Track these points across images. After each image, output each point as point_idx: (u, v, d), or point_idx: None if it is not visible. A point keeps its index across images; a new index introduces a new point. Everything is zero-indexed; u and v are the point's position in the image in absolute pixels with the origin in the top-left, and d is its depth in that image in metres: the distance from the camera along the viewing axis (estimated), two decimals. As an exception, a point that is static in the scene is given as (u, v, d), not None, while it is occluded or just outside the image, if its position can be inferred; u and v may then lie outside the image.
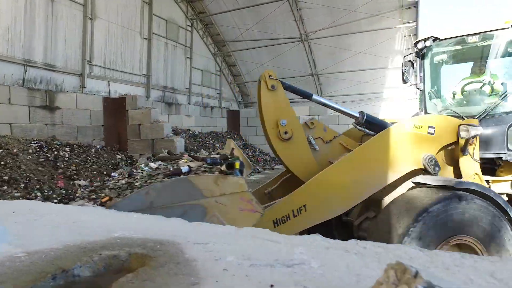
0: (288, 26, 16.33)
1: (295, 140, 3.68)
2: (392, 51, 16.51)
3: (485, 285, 0.71)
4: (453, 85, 4.97)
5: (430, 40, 4.63)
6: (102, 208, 1.93)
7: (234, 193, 2.96)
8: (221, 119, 18.69)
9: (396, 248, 1.05)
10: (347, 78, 17.29)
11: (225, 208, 2.91)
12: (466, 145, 3.70)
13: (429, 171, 3.52)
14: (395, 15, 15.44)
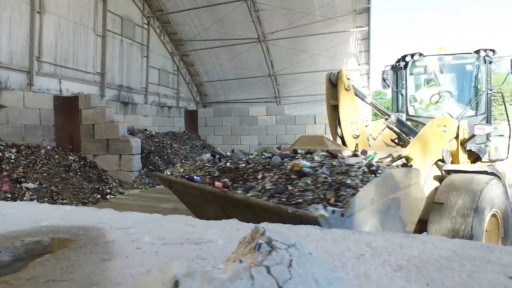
0: (246, 27, 16.49)
1: (361, 138, 4.47)
2: (347, 53, 17.12)
3: (357, 251, 0.84)
4: (428, 93, 6.00)
5: (417, 55, 5.69)
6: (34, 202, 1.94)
7: (413, 184, 3.31)
8: (179, 119, 18.54)
9: (298, 228, 1.19)
10: (304, 79, 17.71)
11: (407, 198, 3.21)
12: (469, 140, 4.72)
13: (444, 161, 4.40)
14: (348, 19, 16.05)
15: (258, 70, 17.90)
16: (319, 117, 17.55)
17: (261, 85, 18.49)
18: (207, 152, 5.27)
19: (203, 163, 4.11)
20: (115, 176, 10.94)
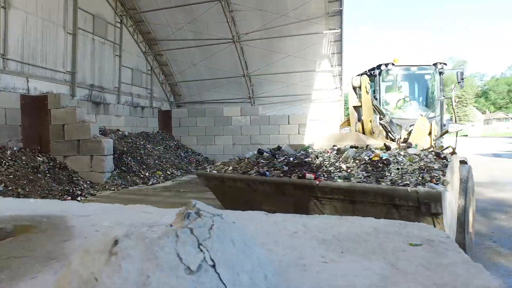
0: (220, 27, 16.53)
1: (375, 134, 5.16)
2: (320, 55, 17.45)
3: (292, 230, 0.95)
4: (395, 98, 6.84)
5: (390, 65, 6.49)
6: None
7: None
8: (153, 119, 18.34)
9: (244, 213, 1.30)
10: (278, 80, 17.93)
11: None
12: (441, 136, 5.51)
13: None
14: (321, 21, 16.37)
15: (232, 70, 17.97)
16: (292, 117, 17.82)
17: (236, 85, 18.58)
18: (250, 150, 5.51)
19: (255, 160, 4.35)
20: (86, 177, 10.74)
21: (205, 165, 13.94)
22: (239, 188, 3.97)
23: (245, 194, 3.95)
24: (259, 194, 3.82)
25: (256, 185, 3.81)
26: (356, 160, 3.80)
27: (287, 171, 3.85)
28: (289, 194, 3.64)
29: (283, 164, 3.97)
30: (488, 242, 4.92)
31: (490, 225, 5.80)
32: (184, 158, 16.12)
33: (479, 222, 5.93)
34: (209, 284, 0.55)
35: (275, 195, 3.75)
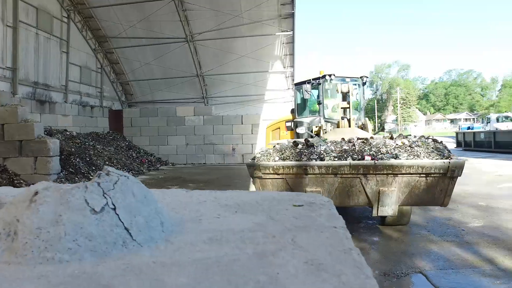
0: (173, 26, 16.35)
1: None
2: (273, 56, 17.83)
3: (203, 199, 1.07)
4: (331, 103, 8.04)
5: (333, 75, 7.59)
6: None
7: None
8: (103, 119, 17.73)
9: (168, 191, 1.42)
10: (232, 80, 18.06)
11: None
12: (377, 133, 6.58)
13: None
14: (274, 23, 16.73)
15: (186, 70, 17.84)
16: (246, 117, 18.03)
17: (189, 85, 18.46)
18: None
19: (296, 151, 4.81)
20: (30, 180, 10.18)
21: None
22: (291, 175, 4.58)
23: (293, 181, 4.58)
24: (307, 179, 4.58)
25: (314, 169, 4.53)
26: (386, 145, 4.81)
27: (338, 156, 4.67)
28: (340, 175, 4.54)
29: (330, 152, 4.74)
30: (422, 232, 5.37)
31: (425, 216, 6.31)
32: (136, 159, 15.77)
33: (416, 214, 6.44)
34: (110, 221, 0.68)
35: (323, 178, 4.57)
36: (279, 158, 4.66)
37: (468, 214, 6.25)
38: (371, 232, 5.43)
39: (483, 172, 11.60)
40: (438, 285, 3.47)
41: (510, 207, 6.59)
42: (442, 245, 4.68)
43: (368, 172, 4.49)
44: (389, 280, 3.61)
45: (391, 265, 4.03)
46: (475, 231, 5.22)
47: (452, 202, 7.21)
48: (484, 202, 7.10)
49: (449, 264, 4.03)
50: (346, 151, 4.72)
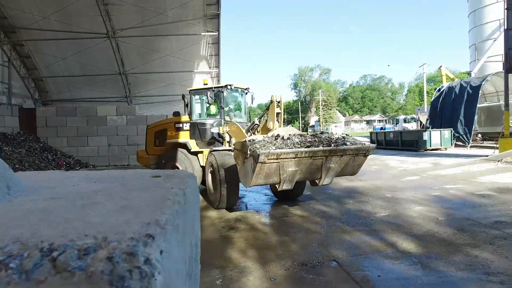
0: (94, 21, 15.45)
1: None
2: (198, 56, 17.80)
3: (73, 175, 1.11)
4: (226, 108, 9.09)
5: (231, 86, 8.76)
6: None
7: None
8: (11, 118, 16.05)
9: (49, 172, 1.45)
10: (156, 79, 17.65)
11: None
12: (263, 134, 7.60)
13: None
14: (200, 23, 16.71)
15: (107, 67, 17.00)
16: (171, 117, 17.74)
17: (111, 83, 17.62)
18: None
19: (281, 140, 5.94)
20: None
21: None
22: (286, 159, 5.62)
23: (283, 163, 5.66)
24: (292, 161, 5.71)
25: (303, 154, 5.68)
26: (328, 138, 6.28)
27: (310, 145, 5.89)
28: (315, 157, 5.84)
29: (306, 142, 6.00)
30: (338, 223, 5.86)
31: (341, 209, 6.88)
32: (51, 162, 14.60)
33: (332, 207, 6.99)
34: None
35: (302, 160, 5.74)
36: (275, 147, 5.65)
37: (377, 205, 6.96)
38: (292, 226, 5.79)
39: (390, 167, 12.89)
40: (349, 270, 3.87)
41: (410, 197, 7.48)
42: (354, 234, 5.18)
43: (330, 154, 5.92)
44: (306, 269, 3.93)
45: (309, 255, 4.37)
46: (382, 220, 5.85)
47: (364, 195, 7.97)
48: (390, 194, 7.95)
49: (359, 251, 4.49)
50: (313, 141, 6.10)
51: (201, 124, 8.76)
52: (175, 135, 9.16)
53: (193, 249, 0.81)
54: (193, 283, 0.78)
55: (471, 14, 31.23)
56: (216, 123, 8.58)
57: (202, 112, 9.16)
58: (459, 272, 3.70)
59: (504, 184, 8.28)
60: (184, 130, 9.10)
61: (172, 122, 9.45)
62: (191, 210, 0.84)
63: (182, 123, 9.18)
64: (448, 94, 22.72)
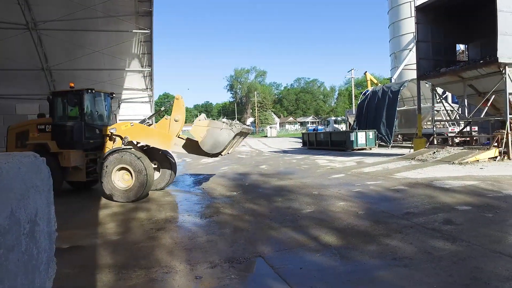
0: (10, 9, 14.12)
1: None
2: (130, 54, 17.13)
3: None
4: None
5: (93, 90, 9.29)
6: None
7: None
8: None
9: None
10: (85, 77, 16.62)
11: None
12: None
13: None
14: (131, 19, 16.09)
15: (28, 61, 15.68)
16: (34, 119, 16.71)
17: (33, 79, 16.28)
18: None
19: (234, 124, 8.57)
20: None
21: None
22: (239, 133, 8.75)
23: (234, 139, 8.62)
24: (239, 137, 9.38)
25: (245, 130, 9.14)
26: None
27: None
28: (240, 134, 9.15)
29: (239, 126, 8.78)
30: (266, 220, 6.05)
31: (269, 206, 7.10)
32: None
33: (262, 205, 7.19)
34: None
35: (239, 135, 8.95)
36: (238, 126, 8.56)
37: (304, 202, 7.30)
38: (221, 225, 5.86)
39: (319, 166, 13.57)
40: (273, 264, 4.04)
41: (335, 194, 7.97)
42: (280, 231, 5.39)
43: (243, 134, 9.04)
44: (231, 266, 4.03)
45: (235, 252, 4.47)
46: (307, 216, 6.16)
47: (292, 193, 8.31)
48: (317, 191, 8.38)
49: (284, 246, 4.69)
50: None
51: (64, 125, 9.17)
52: (37, 136, 9.27)
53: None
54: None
55: (390, 26, 33.92)
56: (77, 125, 9.07)
57: (64, 115, 9.42)
58: (371, 259, 4.04)
59: (414, 180, 9.16)
60: (47, 132, 9.26)
61: (34, 124, 9.49)
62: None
63: (45, 125, 9.32)
64: (372, 98, 24.47)
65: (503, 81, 12.36)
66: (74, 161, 8.81)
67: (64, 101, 9.28)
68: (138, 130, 8.91)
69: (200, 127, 8.15)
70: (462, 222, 5.38)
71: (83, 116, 9.09)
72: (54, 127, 9.21)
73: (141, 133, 8.92)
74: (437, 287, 3.28)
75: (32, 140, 9.19)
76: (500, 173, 9.66)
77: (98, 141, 9.20)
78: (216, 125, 8.25)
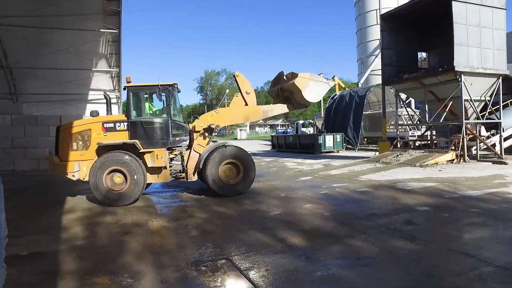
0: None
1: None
2: (97, 54, 16.70)
3: None
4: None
5: (177, 85, 8.94)
6: None
7: None
8: None
9: None
10: (49, 76, 16.05)
11: None
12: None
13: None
14: (99, 18, 15.69)
15: (-15, 59, 14.93)
16: (66, 118, 16.19)
17: (-10, 78, 15.52)
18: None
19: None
20: None
21: None
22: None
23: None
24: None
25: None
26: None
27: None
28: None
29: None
30: (234, 223, 6.10)
31: (238, 209, 7.16)
32: None
33: (230, 208, 7.23)
34: None
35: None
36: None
37: (272, 204, 7.41)
38: (190, 228, 5.84)
39: (287, 169, 13.78)
40: (240, 266, 4.09)
41: (302, 196, 8.14)
42: (248, 233, 5.45)
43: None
44: (198, 269, 4.04)
45: (202, 255, 4.48)
46: (274, 218, 6.26)
47: (260, 195, 8.41)
48: (284, 193, 8.52)
49: (251, 248, 4.75)
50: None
51: (149, 123, 8.52)
52: (105, 136, 8.34)
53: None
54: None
55: (358, 32, 34.92)
56: (164, 122, 8.57)
57: (144, 111, 8.84)
58: (336, 260, 4.17)
59: (378, 182, 9.51)
60: (118, 131, 8.41)
61: (99, 122, 8.47)
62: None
63: (114, 123, 8.43)
64: (340, 102, 25.08)
65: (459, 88, 13.06)
66: (164, 161, 8.41)
67: (145, 96, 8.85)
68: (224, 115, 9.37)
69: (304, 79, 9.23)
70: (421, 222, 5.66)
71: (169, 112, 8.66)
72: (132, 124, 8.46)
73: (228, 117, 9.50)
74: (396, 284, 3.44)
75: (98, 140, 8.23)
76: (456, 175, 10.20)
77: (182, 138, 9.13)
78: (317, 78, 9.43)
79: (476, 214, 5.99)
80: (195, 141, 8.95)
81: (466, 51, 12.86)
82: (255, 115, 9.87)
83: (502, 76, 13.87)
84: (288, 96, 9.82)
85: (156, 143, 8.47)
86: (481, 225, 5.37)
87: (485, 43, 13.27)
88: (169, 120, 8.62)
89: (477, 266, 3.77)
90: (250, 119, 10.03)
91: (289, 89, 9.60)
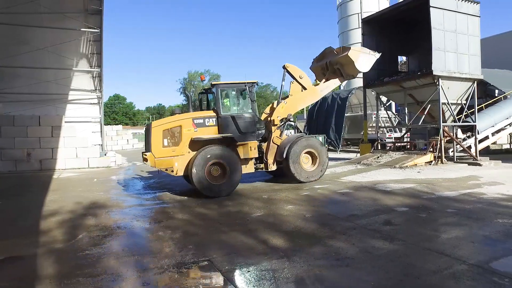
0: None
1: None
2: (78, 53, 16.42)
3: None
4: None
5: (257, 82, 9.91)
6: None
7: None
8: None
9: None
10: (27, 75, 15.68)
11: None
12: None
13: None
14: (80, 17, 15.47)
15: (-41, 57, 14.48)
16: (44, 119, 15.86)
17: (-35, 76, 15.05)
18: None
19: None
20: None
21: None
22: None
23: None
24: None
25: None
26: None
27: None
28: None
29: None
30: (216, 225, 6.09)
31: (220, 211, 7.16)
32: None
33: (212, 209, 7.22)
34: None
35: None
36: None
37: (254, 206, 7.45)
38: (172, 230, 5.83)
39: (271, 171, 13.83)
40: (221, 268, 4.11)
41: (284, 198, 8.20)
42: (230, 234, 5.48)
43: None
44: (179, 271, 4.04)
45: (184, 257, 4.48)
46: (257, 220, 6.30)
47: (243, 197, 8.44)
48: (266, 195, 8.57)
49: (233, 249, 4.77)
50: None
51: (239, 117, 9.36)
52: (195, 132, 9.04)
53: None
54: None
55: (340, 35, 35.41)
56: (252, 117, 9.49)
57: (232, 107, 9.68)
58: (316, 260, 4.24)
59: (359, 183, 9.68)
60: (207, 126, 9.17)
61: (189, 118, 9.12)
62: None
63: (204, 118, 9.20)
64: (323, 104, 25.33)
65: (437, 92, 13.43)
66: (257, 152, 9.47)
67: (232, 93, 9.66)
68: (292, 103, 10.45)
69: (356, 51, 10.63)
70: (400, 222, 5.80)
71: (254, 107, 9.66)
72: (222, 119, 9.20)
73: (294, 104, 10.56)
74: (375, 284, 3.53)
75: (189, 136, 8.91)
76: (434, 176, 10.48)
77: (262, 131, 10.01)
78: (366, 50, 10.98)
79: (452, 214, 6.18)
80: (273, 134, 9.96)
81: (443, 56, 13.23)
82: (314, 96, 10.96)
83: (477, 81, 14.34)
84: (338, 68, 10.93)
85: (247, 136, 9.34)
86: (456, 224, 5.55)
87: (461, 48, 13.69)
88: (256, 114, 9.69)
89: (451, 265, 3.90)
90: (310, 101, 11.55)
91: (340, 62, 10.79)
